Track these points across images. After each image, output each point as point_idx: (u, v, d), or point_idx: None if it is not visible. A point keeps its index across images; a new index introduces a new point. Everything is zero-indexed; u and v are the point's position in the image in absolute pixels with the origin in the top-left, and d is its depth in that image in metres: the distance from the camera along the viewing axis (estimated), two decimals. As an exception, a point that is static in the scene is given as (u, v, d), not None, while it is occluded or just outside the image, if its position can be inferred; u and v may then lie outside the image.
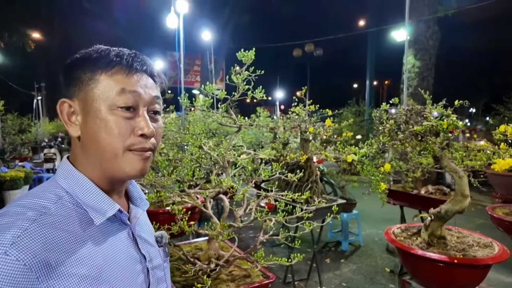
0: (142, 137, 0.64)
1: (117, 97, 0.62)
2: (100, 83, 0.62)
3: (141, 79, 0.65)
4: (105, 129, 0.61)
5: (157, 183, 1.95)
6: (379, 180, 1.95)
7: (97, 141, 0.62)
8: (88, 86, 0.62)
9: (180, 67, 5.55)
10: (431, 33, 8.09)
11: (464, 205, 1.87)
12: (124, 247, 0.65)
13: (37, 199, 0.58)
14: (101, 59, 0.63)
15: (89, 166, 0.65)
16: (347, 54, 25.51)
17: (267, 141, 4.60)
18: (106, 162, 0.63)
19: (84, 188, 0.62)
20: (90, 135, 0.62)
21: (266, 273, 1.77)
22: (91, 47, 0.67)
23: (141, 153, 0.64)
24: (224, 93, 1.67)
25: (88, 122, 0.62)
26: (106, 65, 0.63)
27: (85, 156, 0.65)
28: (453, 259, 1.73)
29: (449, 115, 1.94)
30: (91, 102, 0.62)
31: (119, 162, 0.63)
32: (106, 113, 0.62)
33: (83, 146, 0.64)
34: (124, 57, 0.64)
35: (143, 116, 0.64)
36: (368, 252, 4.27)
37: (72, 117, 0.64)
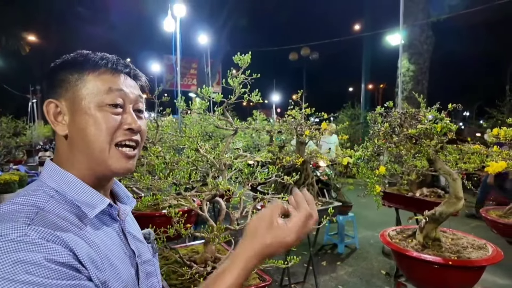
0: (129, 131, 0.68)
1: (104, 95, 0.66)
2: (88, 83, 0.66)
3: (126, 80, 0.71)
4: (94, 125, 0.65)
5: (154, 186, 1.95)
6: (374, 183, 1.97)
7: (86, 137, 0.65)
8: (76, 86, 0.66)
9: (177, 70, 5.55)
10: (425, 38, 8.19)
11: (458, 207, 1.90)
12: (116, 242, 0.68)
13: (30, 196, 0.60)
14: (87, 61, 0.67)
15: (77, 164, 0.67)
16: (342, 58, 25.68)
17: (263, 144, 4.61)
18: (94, 157, 0.66)
19: (72, 185, 0.65)
20: (78, 131, 0.65)
21: (262, 275, 1.77)
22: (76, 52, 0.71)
23: (128, 149, 0.69)
24: (221, 96, 1.69)
25: (77, 120, 0.65)
26: (93, 67, 0.67)
27: (72, 154, 0.67)
28: (448, 261, 1.75)
29: (443, 118, 1.97)
30: (79, 101, 0.65)
31: (106, 158, 0.66)
32: (94, 110, 0.65)
33: (71, 144, 0.67)
34: (109, 60, 0.69)
35: (130, 112, 0.69)
36: (364, 255, 4.28)
37: (59, 116, 0.67)
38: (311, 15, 24.93)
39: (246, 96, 1.70)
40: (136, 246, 0.73)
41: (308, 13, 24.84)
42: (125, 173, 0.70)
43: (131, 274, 0.69)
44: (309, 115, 3.32)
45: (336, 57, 26.00)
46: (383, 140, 2.08)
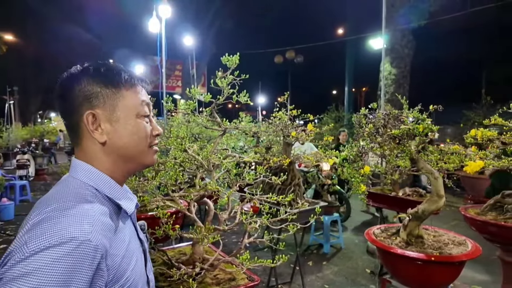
0: (156, 136, 0.84)
1: (140, 107, 0.79)
2: (125, 96, 0.77)
3: (144, 91, 0.84)
4: (137, 132, 0.78)
5: (140, 188, 1.93)
6: (359, 182, 2.02)
7: (129, 142, 0.77)
8: (114, 99, 0.76)
9: (162, 71, 5.49)
10: (406, 42, 8.44)
11: (439, 205, 1.96)
12: (133, 233, 0.81)
13: (79, 194, 0.69)
14: (123, 77, 0.78)
15: (112, 166, 0.77)
16: (326, 61, 26.10)
17: (250, 146, 4.63)
18: (135, 157, 0.80)
19: (109, 185, 0.75)
20: (121, 138, 0.76)
21: (251, 276, 1.78)
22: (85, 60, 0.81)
23: (156, 148, 0.84)
24: (209, 96, 1.69)
25: (119, 128, 0.76)
26: (128, 82, 0.79)
27: (109, 158, 0.77)
28: (430, 257, 1.81)
29: (425, 119, 2.04)
30: (120, 112, 0.76)
31: (144, 156, 0.81)
32: (135, 120, 0.78)
33: (109, 149, 0.76)
34: (136, 76, 0.82)
35: (153, 120, 0.84)
36: (349, 254, 4.35)
37: (94, 125, 0.75)
38: (296, 18, 25.24)
39: (234, 97, 1.71)
40: (142, 236, 0.87)
41: (293, 17, 25.13)
42: (153, 164, 0.86)
43: (142, 260, 0.82)
44: (295, 117, 3.35)
45: (320, 60, 26.41)
46: (367, 140, 2.13)
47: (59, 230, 0.59)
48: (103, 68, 0.77)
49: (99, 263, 0.61)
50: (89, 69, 0.76)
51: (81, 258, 0.58)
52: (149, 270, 0.87)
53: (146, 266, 0.84)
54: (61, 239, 0.58)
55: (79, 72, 0.76)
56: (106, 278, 0.63)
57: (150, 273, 0.87)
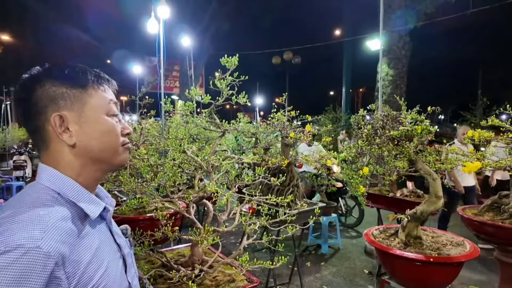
0: (127, 135, 0.82)
1: (109, 106, 0.78)
2: (93, 96, 0.76)
3: (112, 92, 0.83)
4: (108, 132, 0.77)
5: (139, 189, 1.92)
6: (358, 183, 2.02)
7: (101, 142, 0.75)
8: (82, 99, 0.74)
9: (160, 72, 5.48)
10: (403, 44, 8.49)
11: (438, 206, 1.97)
12: (107, 239, 0.78)
13: (37, 199, 0.66)
14: (87, 77, 0.76)
15: (80, 169, 0.75)
16: (324, 62, 26.17)
17: (248, 146, 4.62)
18: (108, 158, 0.78)
19: (72, 188, 0.72)
20: (92, 139, 0.74)
21: (250, 277, 1.77)
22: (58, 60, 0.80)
23: (127, 146, 0.82)
24: (209, 97, 1.69)
25: (89, 129, 0.74)
26: (95, 82, 0.77)
27: (80, 160, 0.75)
28: (429, 258, 1.82)
29: (423, 121, 2.05)
30: (88, 112, 0.74)
31: (116, 156, 0.79)
32: (106, 119, 0.77)
33: (79, 151, 0.74)
34: (100, 75, 0.80)
35: (123, 120, 0.83)
36: (347, 255, 4.36)
37: (62, 127, 0.72)
38: (294, 20, 25.30)
39: (234, 98, 1.71)
40: (119, 241, 0.83)
41: (291, 18, 25.19)
42: (125, 164, 0.85)
43: (120, 266, 0.79)
44: (293, 118, 3.36)
45: (318, 61, 26.48)
46: (366, 141, 2.14)
47: (6, 237, 0.57)
48: (67, 70, 0.75)
49: (53, 271, 0.58)
50: (51, 70, 0.74)
51: (29, 266, 0.56)
52: (132, 276, 0.84)
53: (127, 272, 0.81)
54: (6, 247, 0.56)
55: (41, 73, 0.74)
56: (67, 286, 0.60)
57: (133, 279, 0.84)
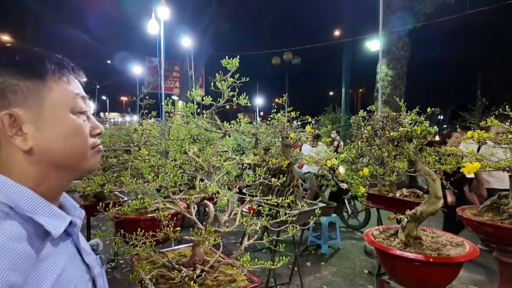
0: (97, 136, 0.69)
1: (74, 101, 0.64)
2: (54, 90, 0.61)
3: (77, 82, 0.68)
4: (73, 133, 0.63)
5: (140, 190, 1.93)
6: (358, 184, 2.03)
7: (64, 146, 0.62)
8: (38, 94, 0.59)
9: (161, 73, 5.50)
10: (402, 44, 8.52)
11: (437, 206, 1.99)
12: (73, 259, 0.64)
13: None
14: (45, 65, 0.61)
15: (39, 178, 0.61)
16: (323, 63, 26.23)
17: (248, 147, 4.64)
18: (74, 164, 0.65)
19: (30, 201, 0.58)
20: (52, 142, 0.60)
21: (251, 277, 1.78)
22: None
23: (98, 148, 0.69)
24: (210, 99, 1.70)
25: (48, 130, 0.60)
26: (56, 72, 0.62)
27: (38, 168, 0.61)
28: (429, 258, 1.83)
29: (423, 122, 2.06)
30: (48, 109, 0.60)
31: (85, 160, 0.66)
32: (70, 118, 0.63)
33: (37, 156, 0.60)
34: (63, 63, 0.65)
35: (92, 117, 0.69)
36: (346, 255, 4.37)
37: (14, 128, 0.58)
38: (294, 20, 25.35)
39: (235, 100, 1.72)
40: (89, 260, 0.69)
41: (290, 19, 25.23)
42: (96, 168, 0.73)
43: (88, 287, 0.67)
44: (293, 119, 3.37)
45: (318, 62, 26.53)
46: (366, 142, 2.15)
47: None
48: (19, 55, 0.59)
49: None
50: (13, 59, 0.59)
51: None
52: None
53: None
54: None
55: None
56: None
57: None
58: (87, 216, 3.83)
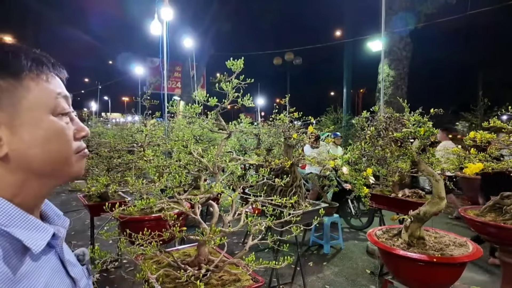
0: (81, 139, 0.63)
1: (55, 102, 0.58)
2: (32, 89, 0.55)
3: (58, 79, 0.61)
4: (54, 137, 0.57)
5: (145, 190, 1.95)
6: (362, 184, 2.04)
7: (44, 152, 0.56)
8: (15, 95, 0.53)
9: (164, 74, 5.52)
10: (404, 45, 8.53)
11: (441, 206, 2.00)
12: (56, 273, 0.59)
13: None
14: (21, 62, 0.55)
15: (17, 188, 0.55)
16: (325, 63, 26.26)
17: (250, 147, 4.65)
18: (55, 171, 0.59)
19: (5, 213, 0.52)
20: (30, 148, 0.54)
21: (255, 277, 1.80)
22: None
23: (84, 153, 0.63)
24: (215, 100, 1.71)
25: (26, 134, 0.54)
26: (34, 69, 0.56)
27: (15, 176, 0.55)
28: (432, 258, 1.84)
29: (426, 122, 2.07)
30: (26, 111, 0.54)
31: (68, 166, 0.60)
32: (51, 121, 0.57)
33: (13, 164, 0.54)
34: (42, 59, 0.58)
35: (75, 118, 0.63)
36: (349, 255, 4.38)
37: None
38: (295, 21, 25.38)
39: (240, 100, 1.73)
40: (74, 272, 0.64)
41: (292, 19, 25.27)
42: (82, 174, 0.64)
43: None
44: (296, 119, 3.38)
45: (319, 62, 26.55)
46: (369, 143, 2.16)
47: None
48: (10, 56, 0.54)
49: None
50: None
51: None
52: None
53: None
54: None
55: None
56: None
57: None
58: (91, 216, 3.85)
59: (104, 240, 4.86)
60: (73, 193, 8.70)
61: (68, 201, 7.88)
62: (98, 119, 14.18)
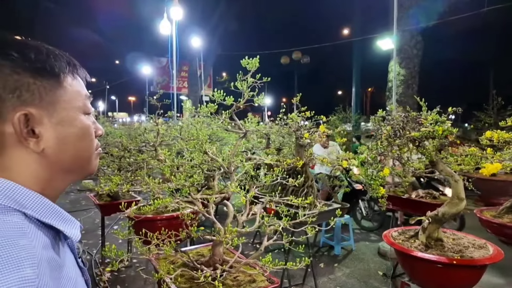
0: (97, 138, 0.67)
1: (84, 103, 0.62)
2: (67, 89, 0.59)
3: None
4: (85, 136, 0.61)
5: (160, 189, 1.94)
6: (379, 185, 2.01)
7: (76, 149, 0.60)
8: (54, 94, 0.57)
9: (173, 73, 5.53)
10: (415, 43, 8.40)
11: (460, 207, 1.95)
12: (73, 262, 0.63)
13: (2, 225, 0.49)
14: (62, 64, 0.59)
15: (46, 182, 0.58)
16: (332, 62, 26.10)
17: (260, 147, 4.62)
18: (81, 166, 0.63)
19: (43, 206, 0.56)
20: (66, 144, 0.58)
21: (271, 278, 1.78)
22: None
23: (99, 151, 0.68)
24: (232, 99, 1.70)
25: (63, 132, 0.58)
26: (70, 70, 0.60)
27: (48, 172, 0.58)
28: (452, 260, 1.80)
29: (444, 122, 2.03)
30: (62, 110, 0.58)
31: (90, 163, 0.65)
32: (82, 120, 0.61)
33: (49, 160, 0.57)
34: (76, 62, 0.63)
35: (93, 119, 0.66)
36: (360, 256, 4.33)
37: (27, 129, 0.54)
38: (303, 20, 25.27)
39: (256, 99, 1.71)
40: (81, 265, 0.68)
41: (299, 18, 25.17)
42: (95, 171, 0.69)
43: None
44: (307, 118, 3.35)
45: (327, 61, 26.40)
46: (386, 143, 2.12)
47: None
48: (33, 53, 0.56)
49: None
50: (11, 54, 0.54)
51: None
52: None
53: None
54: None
55: (15, 61, 0.54)
56: None
57: None
58: (102, 215, 3.87)
59: (113, 239, 4.89)
60: (82, 192, 8.78)
61: (78, 200, 7.96)
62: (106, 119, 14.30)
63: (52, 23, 16.85)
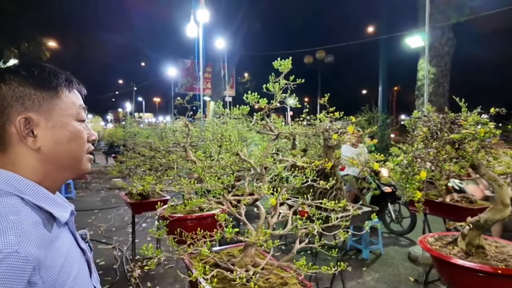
0: (91, 142, 0.81)
1: (78, 111, 0.76)
2: (63, 100, 0.73)
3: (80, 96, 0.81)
4: (76, 139, 0.74)
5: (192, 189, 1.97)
6: (415, 188, 1.94)
7: (68, 149, 0.73)
8: (51, 102, 0.71)
9: (200, 75, 5.61)
10: (446, 40, 8.05)
11: (505, 214, 1.84)
12: (73, 242, 0.76)
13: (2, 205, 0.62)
14: (59, 80, 0.74)
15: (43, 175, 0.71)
16: (357, 60, 25.54)
17: (285, 147, 4.60)
18: (72, 165, 0.76)
19: (37, 192, 0.69)
20: (58, 145, 0.72)
21: (303, 281, 1.76)
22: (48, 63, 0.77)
23: (91, 153, 0.81)
24: (265, 101, 1.69)
25: (56, 134, 0.71)
26: (66, 86, 0.75)
27: (44, 167, 0.71)
28: (497, 270, 1.70)
29: (487, 123, 1.92)
30: (56, 116, 0.72)
31: (81, 164, 0.78)
32: (74, 125, 0.74)
33: (45, 156, 0.71)
34: (73, 78, 0.78)
35: (88, 126, 0.81)
36: (389, 261, 4.21)
37: (27, 130, 0.68)
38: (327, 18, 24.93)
39: (289, 101, 1.70)
40: (82, 245, 0.81)
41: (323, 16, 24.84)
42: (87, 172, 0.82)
43: (86, 271, 0.78)
44: (337, 119, 3.29)
45: (351, 59, 25.87)
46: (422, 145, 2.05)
47: None
48: (36, 70, 0.71)
49: (31, 276, 0.56)
50: (19, 71, 0.70)
51: (7, 272, 0.53)
52: (96, 281, 0.84)
53: (92, 277, 0.81)
54: None
55: (7, 71, 0.70)
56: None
57: (97, 284, 0.84)
58: (132, 213, 3.99)
59: (142, 237, 5.01)
60: (111, 190, 9.11)
61: (107, 198, 8.26)
62: (133, 120, 14.73)
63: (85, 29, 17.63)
